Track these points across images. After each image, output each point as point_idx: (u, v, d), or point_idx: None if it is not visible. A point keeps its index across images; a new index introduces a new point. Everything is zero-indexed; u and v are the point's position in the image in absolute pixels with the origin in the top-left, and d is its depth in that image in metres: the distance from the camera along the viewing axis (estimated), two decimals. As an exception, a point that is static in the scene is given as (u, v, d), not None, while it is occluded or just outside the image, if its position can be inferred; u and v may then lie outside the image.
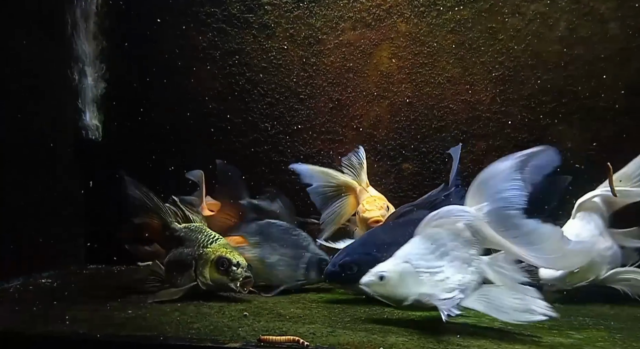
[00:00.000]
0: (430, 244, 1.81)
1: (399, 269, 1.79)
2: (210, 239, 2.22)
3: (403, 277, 1.78)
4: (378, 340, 1.61)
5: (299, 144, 2.93)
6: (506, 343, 1.63)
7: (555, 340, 1.67)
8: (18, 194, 2.53)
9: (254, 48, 2.96)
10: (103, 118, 3.04)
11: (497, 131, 2.76)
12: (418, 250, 1.81)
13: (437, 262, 1.79)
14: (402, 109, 2.85)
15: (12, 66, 2.53)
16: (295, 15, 2.92)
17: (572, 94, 2.69)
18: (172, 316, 1.89)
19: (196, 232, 2.26)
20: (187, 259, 2.18)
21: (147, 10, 3.02)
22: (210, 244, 2.19)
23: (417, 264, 1.79)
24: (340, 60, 2.89)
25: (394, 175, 2.85)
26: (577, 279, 2.10)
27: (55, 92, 2.87)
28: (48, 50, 2.78)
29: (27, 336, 1.67)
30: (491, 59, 2.76)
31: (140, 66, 3.03)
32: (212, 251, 2.15)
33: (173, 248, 2.27)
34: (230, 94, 2.98)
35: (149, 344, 1.59)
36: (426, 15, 2.81)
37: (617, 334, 1.77)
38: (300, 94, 2.93)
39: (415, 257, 1.80)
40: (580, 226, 2.17)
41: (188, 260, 2.18)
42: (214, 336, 1.63)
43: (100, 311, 1.94)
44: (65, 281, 2.56)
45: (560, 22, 2.69)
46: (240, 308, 2.01)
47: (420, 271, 1.78)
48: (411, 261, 1.79)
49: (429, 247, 1.81)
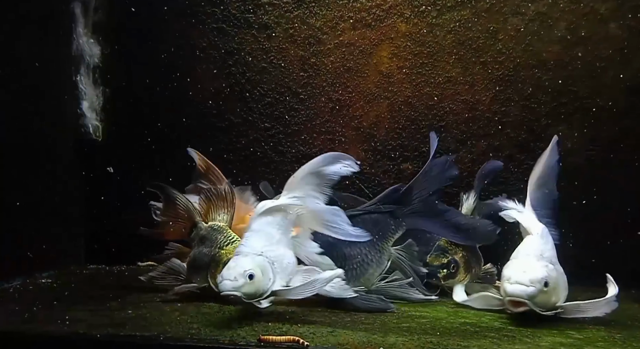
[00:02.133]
0: (266, 234, 1.92)
1: (260, 263, 1.82)
2: (228, 241, 2.18)
3: (265, 270, 1.81)
4: (378, 340, 1.61)
5: (299, 144, 2.93)
6: (506, 343, 1.63)
7: (555, 340, 1.67)
8: (18, 194, 2.53)
9: (254, 48, 2.96)
10: (103, 118, 3.04)
11: (497, 131, 2.76)
12: (261, 241, 1.88)
13: (279, 249, 1.92)
14: (402, 109, 2.85)
15: (12, 66, 2.53)
16: (295, 15, 2.92)
17: (572, 94, 2.69)
18: (172, 316, 1.89)
19: (217, 233, 2.23)
20: (205, 259, 2.16)
21: (147, 10, 3.02)
22: (226, 246, 2.16)
23: (268, 255, 1.86)
24: (340, 60, 2.89)
25: (394, 175, 2.85)
26: (542, 299, 1.85)
27: (55, 92, 2.87)
28: (48, 49, 2.78)
29: (27, 336, 1.67)
30: (491, 59, 2.76)
31: (139, 66, 3.03)
32: (226, 253, 2.12)
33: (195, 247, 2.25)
34: (230, 94, 2.98)
35: (149, 344, 1.60)
36: (426, 15, 2.81)
37: (617, 334, 1.77)
38: (300, 94, 2.93)
39: (265, 248, 1.87)
40: (542, 244, 2.00)
41: (205, 260, 2.16)
42: (214, 336, 1.63)
43: (100, 311, 1.94)
44: (65, 281, 2.56)
45: (560, 22, 2.69)
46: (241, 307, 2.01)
47: (273, 261, 1.86)
48: (264, 253, 1.85)
49: (268, 237, 1.92)
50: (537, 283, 1.81)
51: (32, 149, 2.65)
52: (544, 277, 1.83)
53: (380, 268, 2.20)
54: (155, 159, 2.98)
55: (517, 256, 1.98)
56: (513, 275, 1.85)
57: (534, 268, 1.86)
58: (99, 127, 3.02)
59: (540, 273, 1.84)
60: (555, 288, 1.88)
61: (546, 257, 1.94)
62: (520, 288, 1.81)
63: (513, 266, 1.90)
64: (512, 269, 1.89)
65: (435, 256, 2.29)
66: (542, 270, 1.86)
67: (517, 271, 1.86)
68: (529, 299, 1.81)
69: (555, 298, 1.89)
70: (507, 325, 1.83)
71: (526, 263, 1.90)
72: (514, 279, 1.84)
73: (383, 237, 2.20)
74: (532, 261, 1.91)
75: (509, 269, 1.89)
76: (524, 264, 1.89)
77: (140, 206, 2.75)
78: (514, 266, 1.90)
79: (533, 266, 1.87)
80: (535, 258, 1.92)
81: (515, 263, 1.93)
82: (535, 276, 1.83)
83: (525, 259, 1.93)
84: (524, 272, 1.84)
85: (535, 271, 1.85)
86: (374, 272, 2.18)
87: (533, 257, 1.93)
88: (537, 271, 1.85)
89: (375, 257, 2.16)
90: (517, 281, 1.82)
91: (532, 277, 1.82)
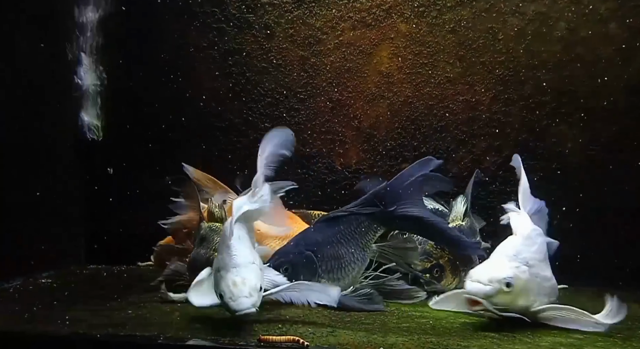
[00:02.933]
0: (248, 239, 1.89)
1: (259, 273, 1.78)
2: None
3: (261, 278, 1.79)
4: (378, 340, 1.61)
5: (299, 144, 2.92)
6: (506, 343, 1.63)
7: (555, 340, 1.67)
8: (18, 194, 2.53)
9: (254, 48, 2.96)
10: (103, 118, 3.04)
11: (497, 131, 2.76)
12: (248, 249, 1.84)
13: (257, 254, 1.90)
14: (402, 109, 2.85)
15: (12, 66, 2.53)
16: (295, 15, 2.92)
17: (572, 94, 2.69)
18: (172, 316, 1.89)
19: (214, 233, 2.20)
20: (202, 260, 2.13)
21: (147, 10, 3.02)
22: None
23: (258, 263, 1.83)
24: (340, 60, 2.89)
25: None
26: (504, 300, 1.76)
27: (55, 92, 2.87)
28: (48, 49, 2.78)
29: (27, 336, 1.67)
30: (491, 59, 2.76)
31: (140, 66, 3.03)
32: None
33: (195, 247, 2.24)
34: (230, 94, 2.98)
35: (149, 344, 1.60)
36: (426, 15, 2.81)
37: (617, 334, 1.77)
38: (300, 94, 2.93)
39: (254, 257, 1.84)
40: (524, 245, 1.89)
41: (202, 261, 2.13)
42: (214, 336, 1.63)
43: (100, 311, 1.94)
44: (65, 281, 2.56)
45: (560, 22, 2.69)
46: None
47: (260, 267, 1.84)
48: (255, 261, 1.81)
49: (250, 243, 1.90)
50: (496, 282, 1.73)
51: (32, 149, 2.65)
52: (505, 277, 1.74)
53: (364, 265, 2.22)
54: (155, 159, 2.98)
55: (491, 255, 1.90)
56: (475, 273, 1.78)
57: (498, 267, 1.78)
58: (99, 127, 3.02)
59: (503, 272, 1.76)
60: (524, 290, 1.78)
61: (522, 259, 1.83)
62: (477, 287, 1.74)
63: (481, 264, 1.84)
64: (478, 267, 1.82)
65: (419, 260, 2.27)
66: (508, 270, 1.77)
67: (480, 269, 1.80)
68: (485, 298, 1.73)
69: (524, 301, 1.79)
70: (507, 325, 1.83)
71: (494, 261, 1.83)
72: (475, 277, 1.77)
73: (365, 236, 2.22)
74: (502, 260, 1.82)
75: (476, 267, 1.83)
76: (490, 263, 1.82)
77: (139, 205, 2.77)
78: (482, 264, 1.84)
79: (498, 265, 1.79)
80: (507, 258, 1.83)
81: (485, 262, 1.86)
82: (495, 275, 1.75)
83: (495, 258, 1.85)
84: (485, 270, 1.78)
85: (499, 270, 1.77)
86: (360, 270, 2.21)
87: (505, 256, 1.84)
88: (501, 270, 1.77)
89: (360, 255, 2.19)
90: (476, 278, 1.76)
91: (491, 276, 1.75)
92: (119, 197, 2.98)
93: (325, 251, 2.12)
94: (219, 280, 1.72)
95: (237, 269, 1.72)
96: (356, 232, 2.18)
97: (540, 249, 1.93)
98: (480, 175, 2.53)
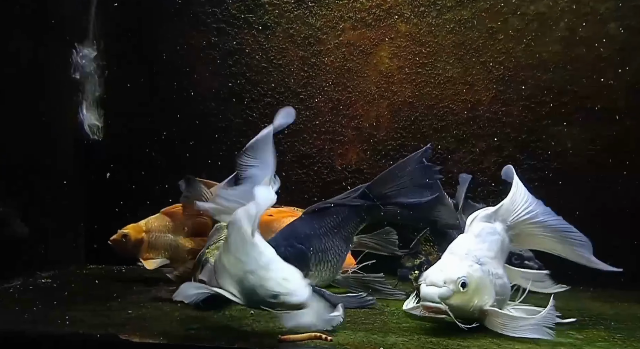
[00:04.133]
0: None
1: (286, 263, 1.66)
2: (218, 241, 2.13)
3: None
4: (378, 340, 1.61)
5: (299, 144, 2.93)
6: (506, 343, 1.63)
7: (556, 340, 1.67)
8: (18, 194, 2.53)
9: (254, 48, 2.96)
10: (103, 118, 3.03)
11: (497, 131, 2.76)
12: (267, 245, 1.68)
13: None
14: (402, 109, 2.85)
15: (12, 66, 2.53)
16: (295, 15, 2.92)
17: (572, 94, 2.69)
18: (172, 316, 1.89)
19: (216, 232, 2.20)
20: (200, 258, 2.13)
21: (147, 10, 3.02)
22: (211, 246, 2.12)
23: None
24: (340, 60, 2.89)
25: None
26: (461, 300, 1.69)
27: (55, 92, 2.87)
28: (48, 49, 2.78)
29: (27, 336, 1.67)
30: (491, 59, 2.76)
31: (140, 66, 3.03)
32: (208, 253, 2.08)
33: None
34: (230, 94, 2.98)
35: (150, 344, 1.59)
36: (426, 15, 2.81)
37: (617, 334, 1.77)
38: (300, 94, 2.93)
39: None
40: (474, 243, 1.82)
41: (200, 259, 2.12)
42: (214, 337, 1.63)
43: (100, 311, 1.94)
44: (65, 281, 2.56)
45: (560, 22, 2.69)
46: (241, 307, 2.00)
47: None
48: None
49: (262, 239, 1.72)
50: (451, 283, 1.67)
51: (32, 149, 2.65)
52: (460, 276, 1.68)
53: (346, 256, 2.24)
54: (155, 159, 2.98)
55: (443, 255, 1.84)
56: (429, 276, 1.71)
57: (451, 268, 1.72)
58: (99, 128, 3.02)
59: (457, 272, 1.70)
60: (478, 289, 1.71)
61: (473, 257, 1.77)
62: (433, 290, 1.67)
63: (433, 266, 1.77)
64: (431, 269, 1.76)
65: (407, 257, 2.26)
66: (461, 270, 1.71)
67: (434, 271, 1.73)
68: (442, 300, 1.66)
69: (479, 300, 1.72)
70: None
71: (446, 262, 1.77)
72: (429, 280, 1.70)
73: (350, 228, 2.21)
74: (454, 260, 1.77)
75: (429, 270, 1.76)
76: (443, 264, 1.76)
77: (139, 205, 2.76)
78: (435, 266, 1.77)
79: (451, 266, 1.73)
80: (459, 257, 1.77)
81: (437, 263, 1.79)
82: (449, 276, 1.68)
83: (447, 259, 1.79)
84: (439, 272, 1.71)
85: (452, 270, 1.71)
86: (342, 262, 2.22)
87: (457, 256, 1.78)
88: (454, 270, 1.71)
89: (343, 248, 2.19)
90: (431, 282, 1.69)
91: (446, 277, 1.69)
92: (119, 197, 2.98)
93: (314, 244, 2.10)
94: (259, 282, 1.55)
95: (276, 265, 1.59)
96: (342, 224, 2.17)
97: (491, 247, 1.84)
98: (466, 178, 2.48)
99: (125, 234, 2.45)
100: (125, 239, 2.44)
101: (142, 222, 2.51)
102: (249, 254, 1.58)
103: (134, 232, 2.47)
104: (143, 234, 2.48)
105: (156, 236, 2.48)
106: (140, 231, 2.48)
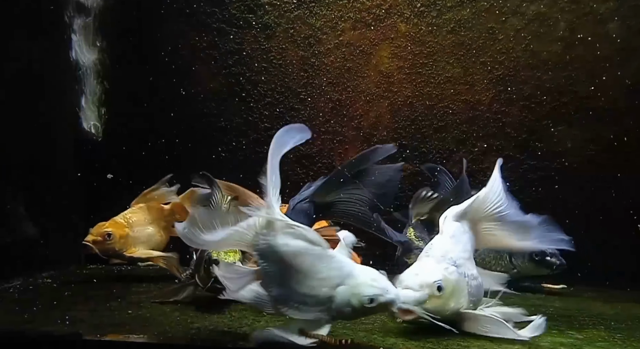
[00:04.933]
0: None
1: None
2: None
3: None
4: (378, 340, 1.61)
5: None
6: (506, 342, 1.63)
7: (555, 340, 1.67)
8: (18, 194, 2.53)
9: (254, 48, 2.96)
10: (103, 118, 3.04)
11: (497, 131, 2.76)
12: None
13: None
14: (402, 109, 2.85)
15: (12, 65, 2.53)
16: (295, 15, 2.92)
17: (572, 94, 2.69)
18: (172, 316, 1.89)
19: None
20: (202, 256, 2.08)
21: (147, 10, 3.02)
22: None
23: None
24: (340, 60, 2.89)
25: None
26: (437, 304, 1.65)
27: (55, 92, 2.87)
28: (48, 49, 2.78)
29: (27, 336, 1.67)
30: (491, 59, 2.76)
31: (140, 66, 3.03)
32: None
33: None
34: (230, 94, 2.98)
35: (149, 344, 1.59)
36: (426, 15, 2.81)
37: (617, 334, 1.77)
38: (300, 94, 2.93)
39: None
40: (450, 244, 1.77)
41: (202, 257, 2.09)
42: (214, 337, 1.63)
43: (100, 311, 1.94)
44: (65, 281, 2.55)
45: (560, 22, 2.69)
46: (241, 307, 2.01)
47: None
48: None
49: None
50: (427, 287, 1.63)
51: (32, 148, 2.64)
52: (436, 280, 1.64)
53: None
54: (155, 159, 2.98)
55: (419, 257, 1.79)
56: (405, 279, 1.66)
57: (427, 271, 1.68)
58: (99, 127, 3.02)
59: (433, 276, 1.65)
60: (454, 291, 1.68)
61: (449, 259, 1.73)
62: (409, 294, 1.62)
63: (409, 269, 1.72)
64: (407, 272, 1.70)
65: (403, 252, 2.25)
66: (437, 273, 1.67)
67: (410, 274, 1.68)
68: (417, 305, 1.61)
69: (455, 303, 1.68)
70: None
71: (422, 265, 1.72)
72: (405, 284, 1.64)
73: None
74: (430, 263, 1.72)
75: (405, 273, 1.70)
76: (419, 267, 1.72)
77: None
78: (410, 268, 1.72)
79: (427, 269, 1.69)
80: (435, 259, 1.72)
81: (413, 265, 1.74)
82: (425, 280, 1.64)
83: (423, 261, 1.74)
84: (415, 275, 1.66)
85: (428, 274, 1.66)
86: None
87: (432, 258, 1.73)
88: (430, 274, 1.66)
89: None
90: (407, 285, 1.64)
91: (422, 280, 1.64)
92: (118, 197, 2.98)
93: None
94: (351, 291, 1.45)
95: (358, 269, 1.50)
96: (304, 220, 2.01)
97: (465, 247, 1.80)
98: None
99: (108, 233, 2.44)
100: (109, 238, 2.43)
101: (118, 218, 2.51)
102: (331, 267, 1.47)
103: (116, 229, 2.46)
104: (126, 230, 2.48)
105: (138, 229, 2.50)
106: (122, 227, 2.48)
